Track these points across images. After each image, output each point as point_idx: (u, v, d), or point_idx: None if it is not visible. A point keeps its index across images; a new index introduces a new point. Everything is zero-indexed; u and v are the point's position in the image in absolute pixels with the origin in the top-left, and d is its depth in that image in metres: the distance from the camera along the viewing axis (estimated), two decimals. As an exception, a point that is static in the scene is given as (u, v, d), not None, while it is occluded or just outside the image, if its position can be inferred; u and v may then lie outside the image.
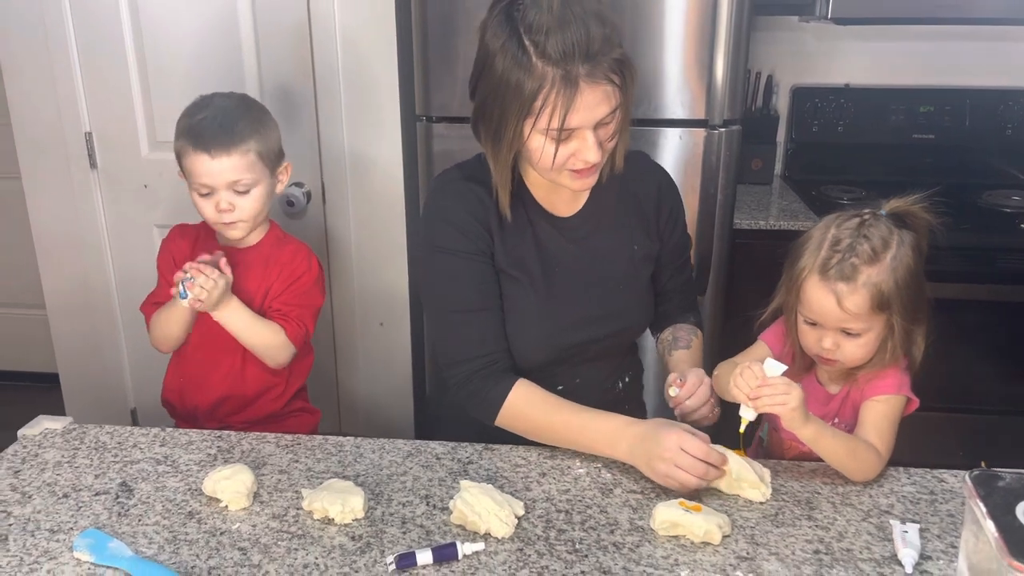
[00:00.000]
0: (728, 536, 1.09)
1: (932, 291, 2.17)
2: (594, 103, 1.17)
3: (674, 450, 1.14)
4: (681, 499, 1.13)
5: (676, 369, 1.39)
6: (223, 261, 1.51)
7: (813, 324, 1.28)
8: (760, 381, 1.18)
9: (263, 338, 1.56)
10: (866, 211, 1.28)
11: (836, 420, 1.36)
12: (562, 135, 1.18)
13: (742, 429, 1.23)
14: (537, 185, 1.36)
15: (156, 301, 1.64)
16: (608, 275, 1.40)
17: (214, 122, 1.50)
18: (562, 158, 1.21)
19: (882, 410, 1.28)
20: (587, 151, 1.20)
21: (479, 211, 1.32)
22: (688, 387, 1.28)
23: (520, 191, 1.35)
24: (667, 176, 1.47)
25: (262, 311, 1.59)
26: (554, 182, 1.29)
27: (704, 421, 1.29)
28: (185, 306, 1.48)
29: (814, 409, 1.33)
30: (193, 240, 1.64)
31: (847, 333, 1.25)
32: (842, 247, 1.24)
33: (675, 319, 1.52)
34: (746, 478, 1.17)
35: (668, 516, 1.09)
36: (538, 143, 1.20)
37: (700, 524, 1.08)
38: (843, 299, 1.22)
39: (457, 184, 1.35)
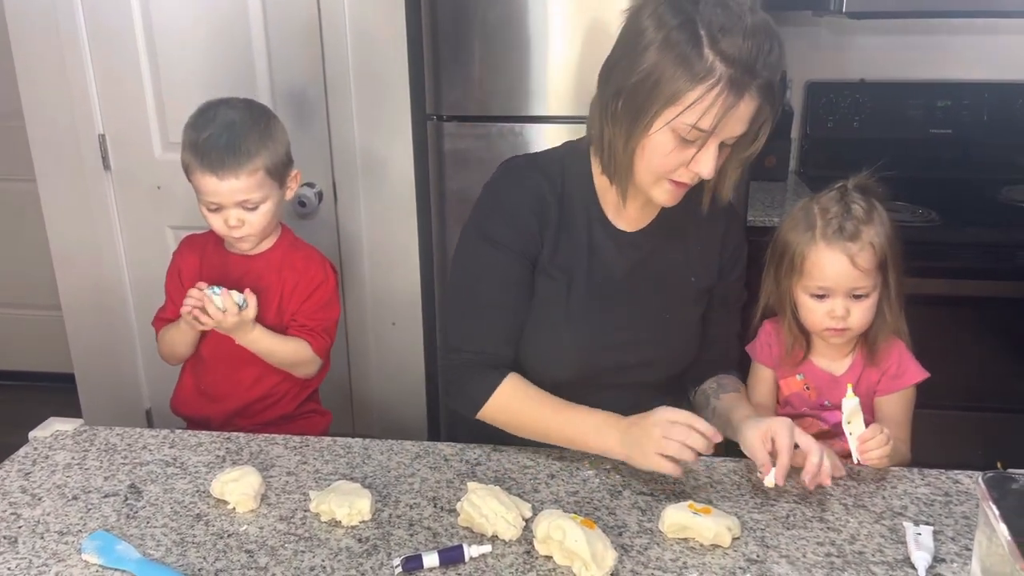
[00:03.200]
0: (738, 538, 1.08)
1: (951, 288, 2.18)
2: (743, 117, 1.13)
3: (661, 422, 1.12)
4: (691, 502, 1.11)
5: (732, 415, 1.27)
6: (248, 292, 1.49)
7: (821, 297, 1.33)
8: (859, 437, 1.21)
9: (290, 356, 1.57)
10: (836, 184, 1.35)
11: None
12: (690, 138, 1.14)
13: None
14: (607, 192, 1.31)
15: (165, 316, 1.64)
16: (659, 301, 1.34)
17: (220, 140, 1.46)
18: (675, 163, 1.17)
19: (904, 404, 1.37)
20: (705, 163, 1.16)
21: (538, 208, 1.28)
22: (783, 457, 1.13)
23: (588, 196, 1.31)
24: (737, 213, 1.41)
25: (280, 320, 1.58)
26: (644, 189, 1.24)
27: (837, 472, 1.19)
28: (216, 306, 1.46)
29: (828, 395, 1.38)
30: (201, 252, 1.63)
31: (855, 297, 1.31)
32: (835, 213, 1.31)
33: (713, 373, 1.42)
34: (579, 553, 1.00)
35: (677, 519, 1.08)
36: (663, 139, 1.15)
37: (709, 527, 1.06)
38: (855, 257, 1.29)
39: (523, 172, 1.31)
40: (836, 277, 1.30)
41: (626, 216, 1.33)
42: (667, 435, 1.11)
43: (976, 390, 2.25)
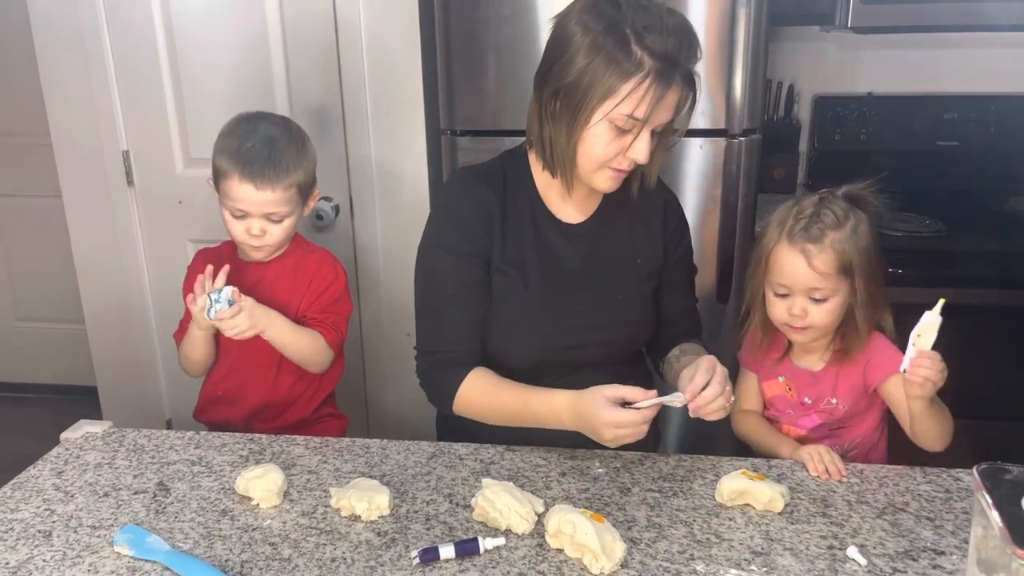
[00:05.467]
0: (781, 512, 1.15)
1: (958, 297, 2.20)
2: (671, 105, 1.26)
3: (610, 425, 1.18)
4: (744, 469, 1.21)
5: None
6: (236, 292, 1.50)
7: (783, 296, 1.37)
8: (918, 353, 1.22)
9: (306, 347, 1.61)
10: (823, 191, 1.40)
11: (834, 401, 1.40)
12: (625, 128, 1.25)
13: None
14: (548, 189, 1.41)
15: (187, 329, 1.67)
16: (611, 283, 1.43)
17: (262, 153, 1.52)
18: (614, 152, 1.27)
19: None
20: (641, 149, 1.27)
21: (483, 212, 1.38)
22: (699, 379, 1.21)
23: (531, 195, 1.41)
24: (673, 196, 1.52)
25: (298, 320, 1.64)
26: (585, 179, 1.33)
27: (720, 414, 1.22)
28: (213, 320, 1.48)
29: (807, 392, 1.40)
30: (216, 262, 1.65)
31: (814, 299, 1.35)
32: (806, 215, 1.36)
33: (680, 344, 1.50)
34: (589, 546, 1.04)
35: (734, 486, 1.17)
36: (601, 131, 1.26)
37: (765, 491, 1.15)
38: (812, 258, 1.33)
39: (466, 184, 1.42)
40: (793, 276, 1.35)
41: (571, 209, 1.43)
42: (619, 436, 1.19)
43: (982, 399, 2.26)
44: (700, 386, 1.20)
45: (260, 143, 1.53)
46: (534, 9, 2.02)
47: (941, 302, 1.17)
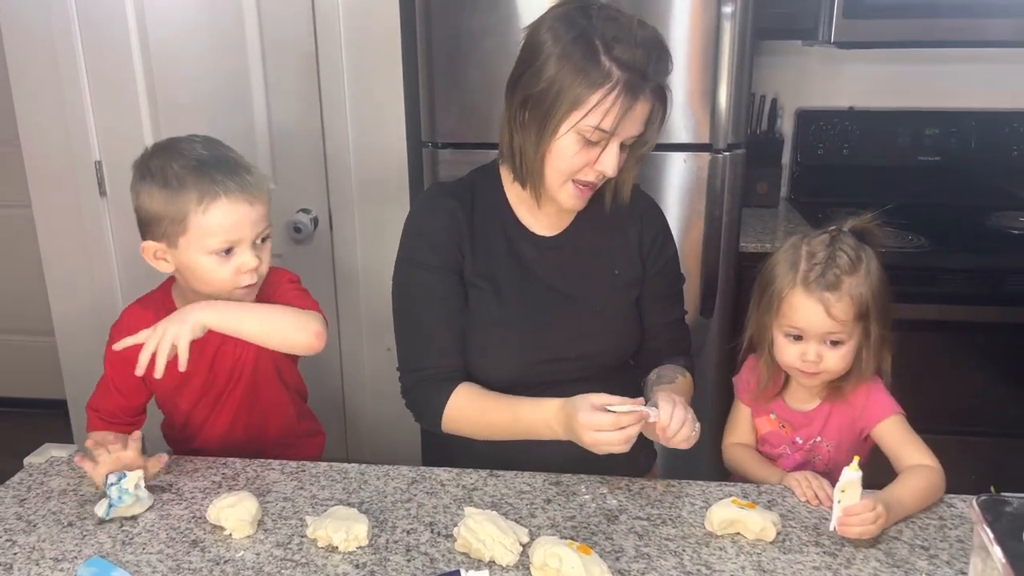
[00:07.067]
0: (772, 541, 1.12)
1: (941, 314, 2.20)
2: (639, 118, 1.24)
3: (586, 427, 1.15)
4: (734, 497, 1.17)
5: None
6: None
7: (796, 339, 1.33)
8: (846, 509, 1.11)
9: (283, 321, 1.31)
10: (831, 227, 1.35)
11: (819, 439, 1.37)
12: (593, 139, 1.23)
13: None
14: (520, 203, 1.39)
15: (99, 407, 1.46)
16: (587, 296, 1.40)
17: (227, 164, 1.26)
18: (581, 164, 1.26)
19: (903, 428, 1.33)
20: (609, 162, 1.25)
21: (452, 226, 1.36)
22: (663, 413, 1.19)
23: (502, 209, 1.39)
24: (654, 206, 1.48)
25: None
26: (552, 194, 1.32)
27: (688, 443, 1.20)
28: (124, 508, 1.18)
29: (800, 432, 1.37)
30: (155, 315, 1.32)
31: (830, 344, 1.31)
32: (820, 259, 1.30)
33: (662, 362, 1.46)
34: None
35: (725, 515, 1.13)
36: (569, 142, 1.24)
37: (756, 520, 1.12)
38: (831, 307, 1.28)
39: (435, 200, 1.40)
40: (809, 323, 1.30)
41: (544, 222, 1.41)
42: (597, 442, 1.16)
43: (966, 414, 2.26)
44: (668, 413, 1.19)
45: (218, 157, 1.26)
46: (518, 20, 1.99)
47: (856, 459, 1.14)
